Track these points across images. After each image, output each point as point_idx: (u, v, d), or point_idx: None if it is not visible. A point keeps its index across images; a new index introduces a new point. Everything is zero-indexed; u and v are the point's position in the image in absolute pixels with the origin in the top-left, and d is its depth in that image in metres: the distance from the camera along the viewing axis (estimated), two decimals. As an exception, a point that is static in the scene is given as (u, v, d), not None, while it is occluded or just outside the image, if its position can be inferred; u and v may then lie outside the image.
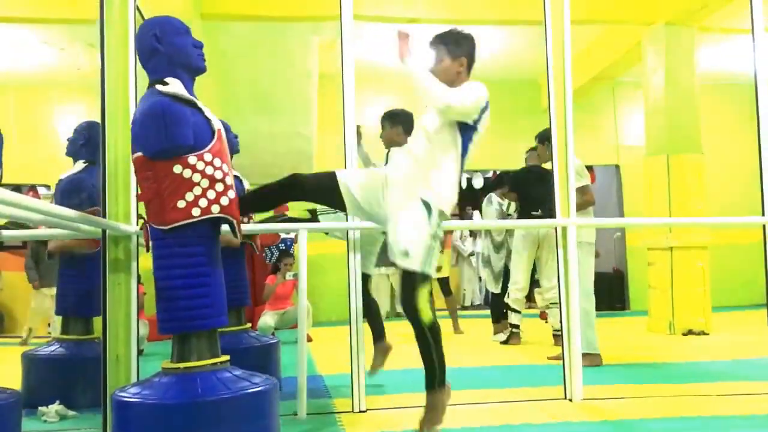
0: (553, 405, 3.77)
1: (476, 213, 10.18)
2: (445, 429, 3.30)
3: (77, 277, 4.27)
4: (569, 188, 4.04)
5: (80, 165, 4.40)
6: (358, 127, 4.10)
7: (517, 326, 6.38)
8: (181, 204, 2.67)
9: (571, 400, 3.85)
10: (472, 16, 7.49)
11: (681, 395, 4.00)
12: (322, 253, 8.80)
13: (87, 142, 4.40)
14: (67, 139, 4.49)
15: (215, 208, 2.72)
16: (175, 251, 2.71)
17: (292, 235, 7.49)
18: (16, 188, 4.88)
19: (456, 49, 3.11)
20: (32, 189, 5.24)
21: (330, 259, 8.74)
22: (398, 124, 4.62)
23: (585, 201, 5.09)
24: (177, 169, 2.67)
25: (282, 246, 7.51)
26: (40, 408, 3.69)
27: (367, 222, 3.49)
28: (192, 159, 2.70)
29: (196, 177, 2.70)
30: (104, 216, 3.31)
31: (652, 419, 3.44)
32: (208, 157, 2.74)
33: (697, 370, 4.87)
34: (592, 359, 4.92)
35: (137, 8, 3.59)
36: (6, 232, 4.50)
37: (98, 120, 3.45)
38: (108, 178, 3.37)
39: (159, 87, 2.77)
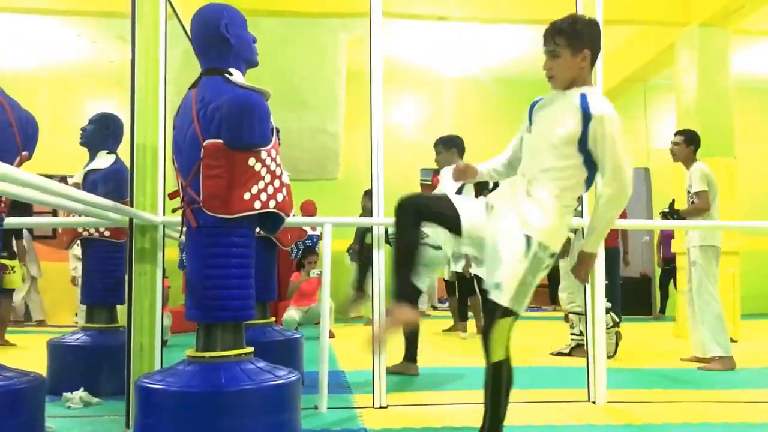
0: (576, 407, 3.73)
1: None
2: (467, 427, 3.28)
3: (103, 267, 4.32)
4: (596, 190, 3.98)
5: (107, 155, 4.40)
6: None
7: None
8: (246, 196, 2.72)
9: (594, 403, 3.81)
10: (501, 14, 7.45)
11: (706, 401, 3.95)
12: (345, 250, 8.81)
13: (112, 133, 4.41)
14: (83, 129, 4.48)
15: (272, 203, 2.78)
16: (234, 241, 2.76)
17: (318, 231, 7.49)
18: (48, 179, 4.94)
19: (576, 41, 2.68)
20: (63, 180, 5.32)
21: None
22: (452, 147, 5.04)
23: (699, 207, 5.11)
24: (251, 161, 2.72)
25: (309, 242, 7.50)
26: (64, 394, 3.74)
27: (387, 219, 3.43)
28: (263, 153, 2.76)
29: (263, 171, 2.76)
30: (132, 206, 3.34)
31: (675, 424, 3.39)
32: (273, 153, 2.81)
33: (723, 378, 4.79)
34: (725, 363, 4.96)
35: (168, 1, 3.61)
36: (35, 219, 4.58)
37: (116, 111, 3.45)
38: (136, 169, 3.39)
39: (232, 78, 2.80)
